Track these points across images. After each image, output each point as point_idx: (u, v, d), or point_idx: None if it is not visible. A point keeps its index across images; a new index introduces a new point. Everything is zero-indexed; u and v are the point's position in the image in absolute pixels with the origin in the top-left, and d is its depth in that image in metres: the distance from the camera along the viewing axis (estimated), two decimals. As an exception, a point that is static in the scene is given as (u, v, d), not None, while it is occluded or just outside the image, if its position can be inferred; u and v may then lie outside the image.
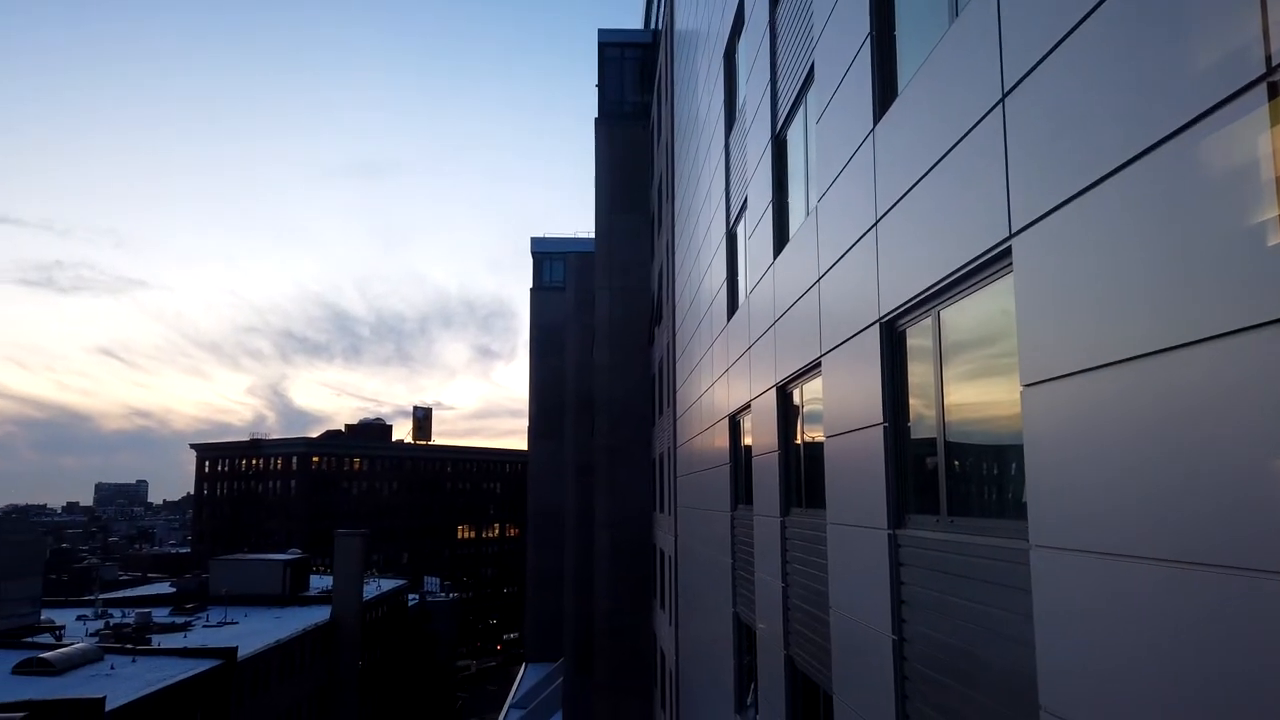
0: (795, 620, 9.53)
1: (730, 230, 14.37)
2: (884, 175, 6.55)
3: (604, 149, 33.79)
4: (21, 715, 24.55)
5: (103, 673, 33.32)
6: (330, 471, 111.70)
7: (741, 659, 13.26)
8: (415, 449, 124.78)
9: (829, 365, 8.04)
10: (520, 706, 49.92)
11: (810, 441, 9.27)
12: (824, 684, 8.26)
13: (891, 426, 6.52)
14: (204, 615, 50.15)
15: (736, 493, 13.80)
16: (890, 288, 6.40)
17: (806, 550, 9.04)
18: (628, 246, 32.60)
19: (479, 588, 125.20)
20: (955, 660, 5.34)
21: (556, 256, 62.00)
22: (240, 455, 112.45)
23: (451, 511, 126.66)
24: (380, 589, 63.11)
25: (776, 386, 10.30)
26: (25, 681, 31.38)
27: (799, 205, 9.74)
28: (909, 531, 6.20)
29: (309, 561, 63.63)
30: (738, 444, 13.89)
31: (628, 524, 31.09)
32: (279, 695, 43.07)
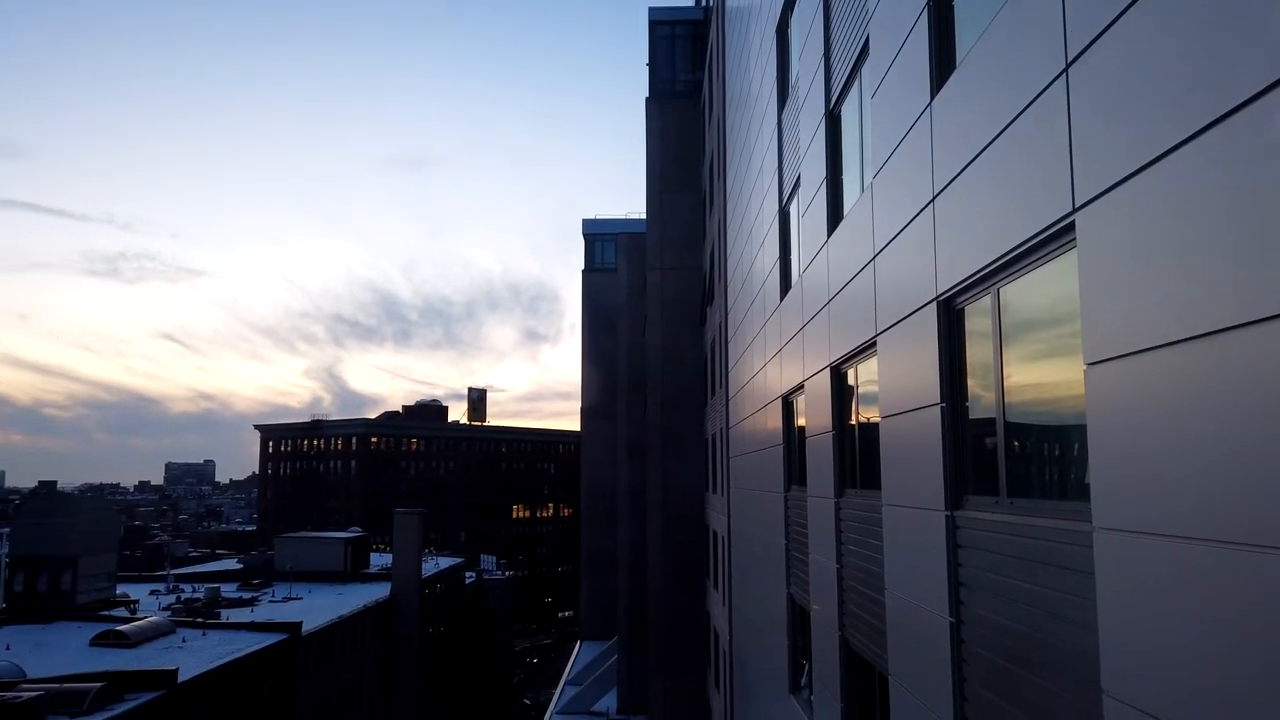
0: (850, 602, 9.47)
1: (783, 208, 14.21)
2: (941, 149, 6.41)
3: (654, 128, 33.63)
4: (100, 685, 25.64)
5: (175, 645, 34.60)
6: (388, 451, 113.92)
7: (795, 640, 13.24)
8: (471, 429, 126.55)
9: (884, 345, 7.93)
10: (575, 683, 50.60)
11: (865, 422, 9.17)
12: (879, 665, 8.21)
13: (949, 406, 6.41)
14: (270, 591, 51.69)
15: (790, 474, 13.72)
16: (948, 265, 6.27)
17: (861, 532, 8.97)
18: (679, 226, 32.47)
19: (534, 566, 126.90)
20: (1015, 643, 5.25)
21: (608, 238, 62.05)
22: (302, 436, 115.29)
23: (507, 491, 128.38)
24: (438, 566, 64.32)
25: (830, 367, 10.20)
26: (102, 653, 32.75)
27: (853, 182, 9.58)
28: (967, 513, 6.10)
29: (369, 539, 65.09)
30: (791, 425, 13.79)
31: (680, 504, 31.16)
32: (341, 669, 44.26)
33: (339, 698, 43.98)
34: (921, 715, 6.85)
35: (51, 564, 40.59)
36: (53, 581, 40.51)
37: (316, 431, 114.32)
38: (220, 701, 31.41)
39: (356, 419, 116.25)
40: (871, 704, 8.84)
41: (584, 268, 65.01)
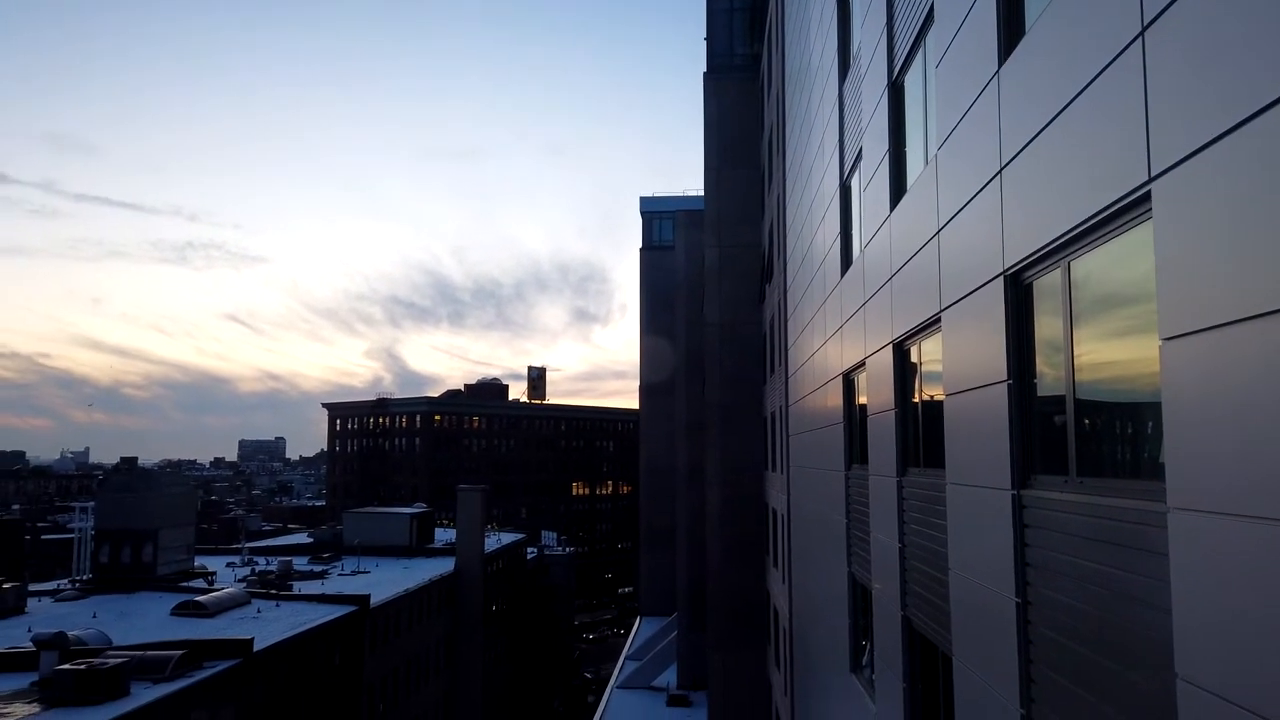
0: (912, 581, 9.38)
1: (844, 183, 13.99)
2: (1009, 119, 6.23)
3: (712, 103, 33.33)
4: (180, 653, 26.75)
5: (250, 615, 35.86)
6: (451, 429, 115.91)
7: (856, 618, 13.17)
8: (531, 408, 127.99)
9: (949, 320, 7.77)
10: (635, 658, 51.13)
11: (928, 400, 9.02)
12: (943, 645, 8.12)
13: (1016, 383, 6.27)
14: (339, 564, 53.17)
15: (851, 452, 13.59)
16: (1016, 238, 6.11)
17: (924, 510, 8.86)
18: (737, 203, 32.20)
19: (594, 543, 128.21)
20: (1084, 625, 5.14)
21: (666, 215, 61.87)
22: (368, 414, 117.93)
23: (567, 469, 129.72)
24: (500, 542, 65.38)
25: (893, 344, 10.05)
26: (182, 622, 34.12)
27: (917, 154, 9.38)
28: (1034, 492, 5.98)
29: (433, 515, 66.42)
30: (852, 403, 13.65)
31: (739, 482, 31.12)
32: (408, 640, 45.41)
33: (406, 668, 45.16)
34: (986, 696, 6.77)
35: (134, 537, 42.35)
36: (135, 553, 42.28)
37: (382, 410, 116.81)
38: (293, 670, 32.53)
39: (420, 398, 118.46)
40: (934, 684, 8.75)
41: (642, 245, 64.97)
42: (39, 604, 37.73)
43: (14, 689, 24.57)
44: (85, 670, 23.72)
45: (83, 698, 23.21)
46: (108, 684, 23.68)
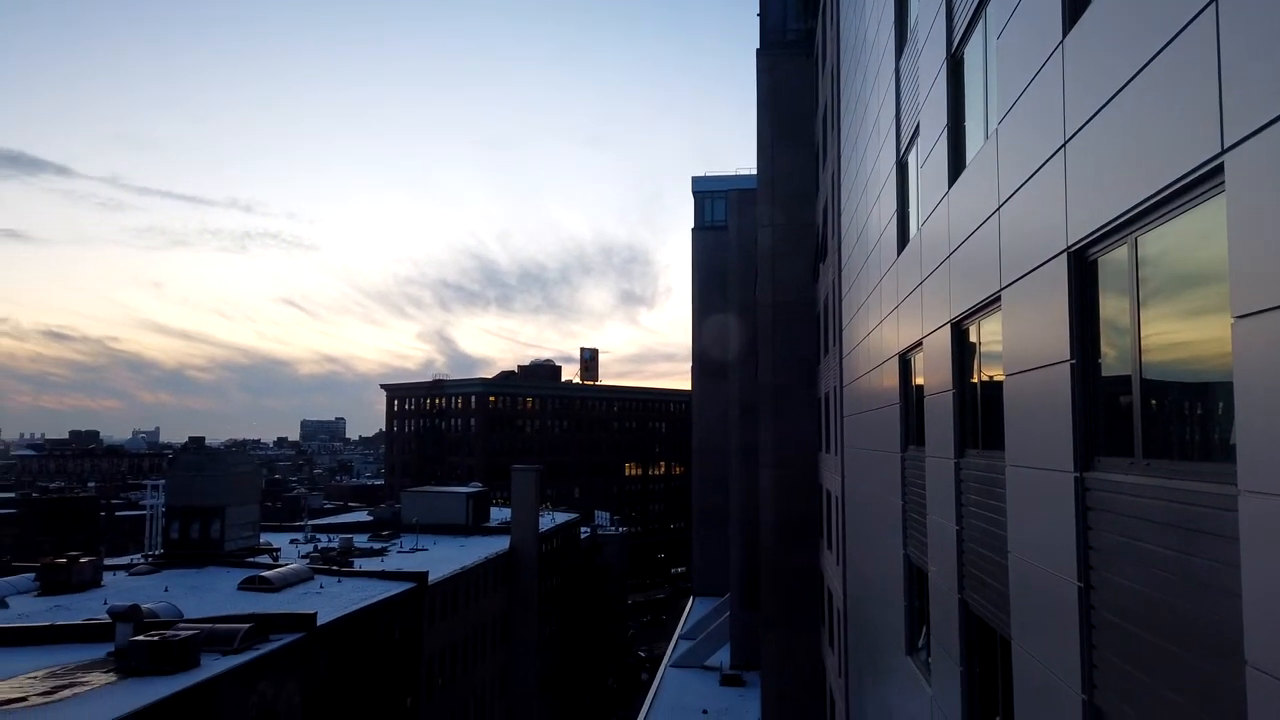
0: (970, 564, 9.25)
1: (900, 159, 13.73)
2: (1074, 91, 6.04)
3: (765, 80, 32.92)
4: (247, 626, 27.65)
5: (313, 591, 36.87)
6: (505, 410, 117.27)
7: (912, 601, 13.05)
8: (583, 389, 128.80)
9: (1010, 299, 7.61)
10: (689, 637, 51.40)
11: (987, 380, 8.86)
12: (1001, 629, 8.01)
13: (1079, 363, 6.12)
14: (398, 542, 54.33)
15: (907, 433, 13.42)
16: (1080, 214, 5.94)
17: (983, 493, 8.72)
18: (791, 181, 31.82)
19: (646, 523, 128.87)
20: (1149, 610, 5.03)
21: (718, 195, 61.45)
22: (424, 395, 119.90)
23: (619, 449, 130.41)
24: (554, 521, 66.09)
25: (951, 323, 9.87)
26: (249, 596, 35.24)
27: (976, 129, 9.16)
28: (1098, 474, 5.85)
29: (488, 494, 67.40)
30: (908, 383, 13.46)
31: (792, 463, 30.96)
32: (465, 617, 46.27)
33: (463, 644, 46.05)
34: (1046, 681, 6.67)
35: (202, 513, 43.79)
36: (203, 530, 43.71)
37: (437, 391, 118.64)
38: (355, 644, 33.40)
39: (474, 379, 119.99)
40: (992, 667, 8.65)
41: (694, 226, 64.68)
42: (114, 578, 39.29)
43: (91, 659, 25.66)
44: (158, 642, 24.65)
45: (156, 668, 24.15)
46: (179, 655, 24.59)
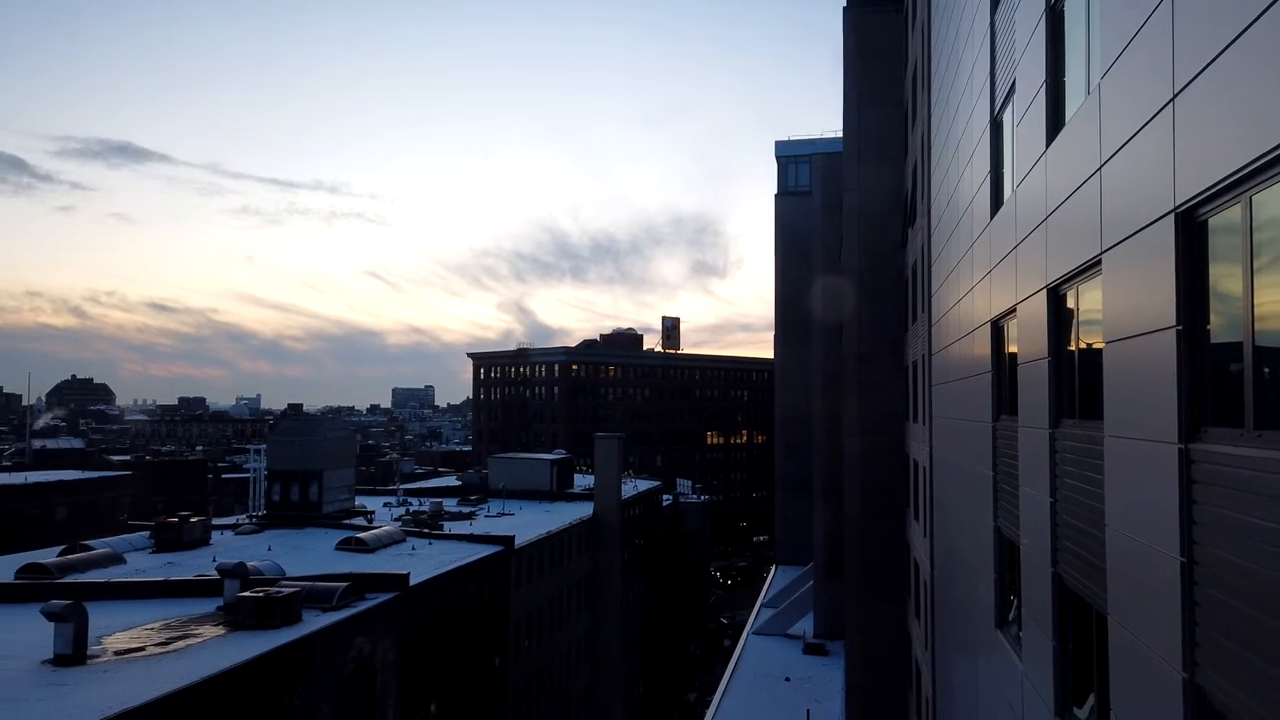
0: (1065, 537, 8.99)
1: (995, 118, 13.22)
2: (1184, 40, 5.70)
3: (852, 39, 32.02)
4: (345, 585, 28.85)
5: (405, 552, 38.19)
6: (588, 378, 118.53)
7: (1003, 574, 12.76)
8: (665, 357, 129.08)
9: (1111, 263, 7.28)
10: (771, 606, 51.46)
11: (1086, 348, 8.52)
12: (1097, 604, 7.77)
13: (1186, 329, 5.82)
14: (485, 506, 55.73)
15: (999, 403, 13.05)
16: (1189, 172, 5.62)
17: (1079, 464, 8.43)
18: (878, 144, 30.99)
19: (728, 492, 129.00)
20: (1258, 588, 4.80)
21: (802, 159, 60.35)
22: (509, 363, 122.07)
23: (701, 417, 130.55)
24: (636, 489, 66.75)
25: (1047, 288, 9.51)
26: (345, 557, 36.72)
27: (1077, 84, 8.74)
28: (1204, 446, 5.58)
29: (572, 461, 68.45)
30: (1001, 351, 13.06)
31: (878, 432, 30.48)
32: (550, 580, 47.29)
33: (548, 607, 47.12)
34: (1144, 658, 6.45)
35: (302, 477, 45.70)
36: (303, 492, 45.64)
37: (521, 359, 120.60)
38: (445, 604, 34.52)
39: (557, 348, 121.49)
40: (1087, 643, 8.41)
41: (777, 191, 63.73)
42: (221, 537, 41.43)
43: (202, 612, 27.18)
44: (263, 598, 25.94)
45: (261, 622, 25.44)
46: (282, 611, 25.83)
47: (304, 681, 24.88)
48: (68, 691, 19.69)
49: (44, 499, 60.65)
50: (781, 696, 36.45)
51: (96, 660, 22.18)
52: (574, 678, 51.34)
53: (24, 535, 52.62)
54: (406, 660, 30.94)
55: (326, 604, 27.75)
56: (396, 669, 30.26)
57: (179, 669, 21.33)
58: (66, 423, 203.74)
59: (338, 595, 28.16)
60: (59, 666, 21.55)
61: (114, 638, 24.16)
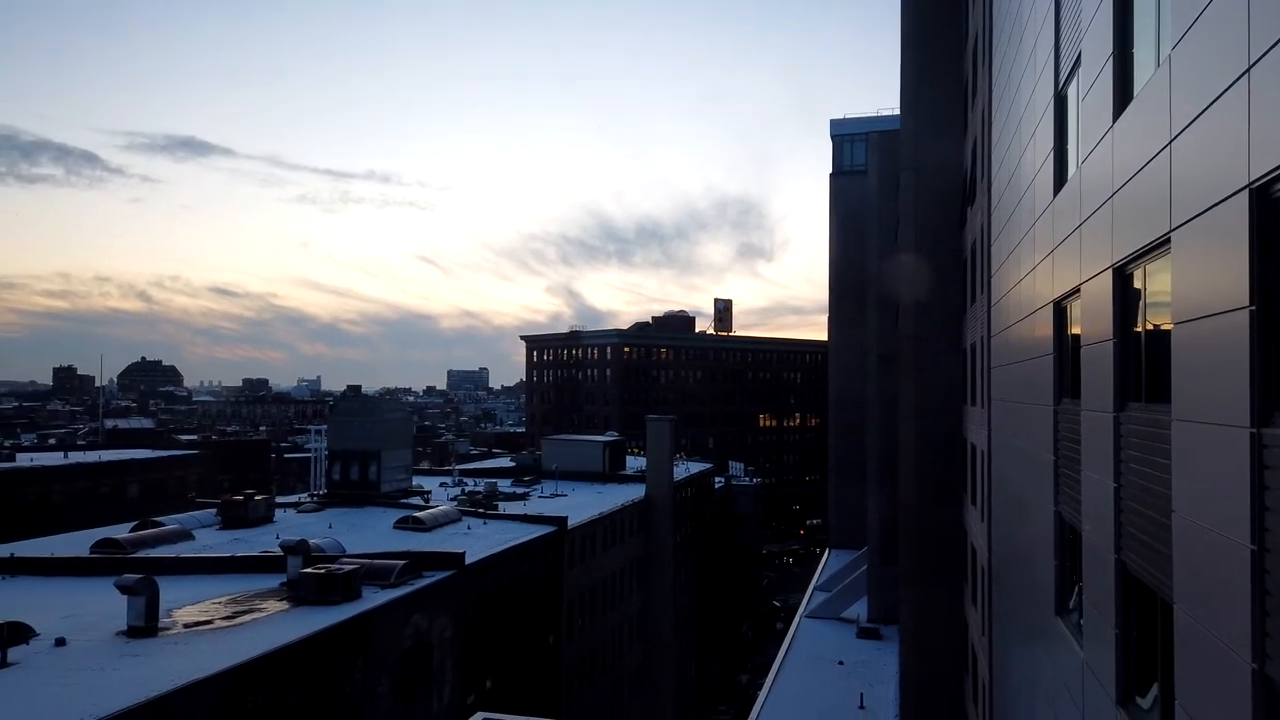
0: (1129, 523, 8.77)
1: (1059, 92, 12.84)
2: (1259, 12, 5.46)
3: (911, 13, 31.32)
4: (403, 562, 29.46)
5: (461, 531, 38.83)
6: (640, 361, 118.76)
7: (1064, 560, 12.51)
8: (717, 340, 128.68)
9: (1181, 241, 7.04)
10: (825, 589, 51.21)
11: (1152, 329, 8.27)
12: (1162, 592, 7.58)
13: (1260, 310, 5.61)
14: (539, 487, 56.35)
15: (1061, 385, 12.75)
16: (1264, 146, 5.40)
17: (1145, 449, 8.20)
18: (937, 121, 30.33)
19: (781, 474, 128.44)
20: (1336, 578, 4.63)
21: (857, 138, 59.37)
22: (561, 346, 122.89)
23: (753, 400, 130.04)
24: (688, 471, 66.84)
25: (1113, 268, 9.24)
26: (403, 535, 37.48)
27: (1146, 56, 8.44)
28: (1277, 430, 5.38)
29: (624, 443, 68.79)
30: (1063, 332, 12.74)
31: (934, 415, 30.01)
32: (603, 561, 47.71)
33: (601, 587, 47.56)
34: (1211, 648, 6.28)
35: (360, 457, 46.71)
36: (362, 472, 46.65)
37: (573, 342, 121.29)
38: (500, 583, 35.06)
39: (609, 330, 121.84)
40: (1151, 632, 8.21)
41: (831, 171, 62.87)
42: (284, 514, 42.58)
43: (266, 587, 28.00)
44: (325, 575, 26.63)
45: (322, 598, 26.13)
46: (343, 587, 26.50)
47: (364, 656, 25.53)
48: (141, 662, 20.49)
49: (117, 477, 62.99)
50: (835, 680, 36.33)
51: (167, 632, 23.03)
52: (626, 657, 51.81)
53: (99, 511, 54.77)
54: (462, 637, 31.53)
55: (385, 581, 28.37)
56: (453, 645, 30.86)
57: (245, 642, 22.04)
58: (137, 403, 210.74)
59: (396, 573, 28.77)
60: (132, 638, 22.42)
61: (183, 611, 25.05)
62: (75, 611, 24.70)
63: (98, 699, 17.71)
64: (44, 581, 28.91)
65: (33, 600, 25.75)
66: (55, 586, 28.15)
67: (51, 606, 25.07)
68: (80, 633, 22.65)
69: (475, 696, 32.12)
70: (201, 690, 19.21)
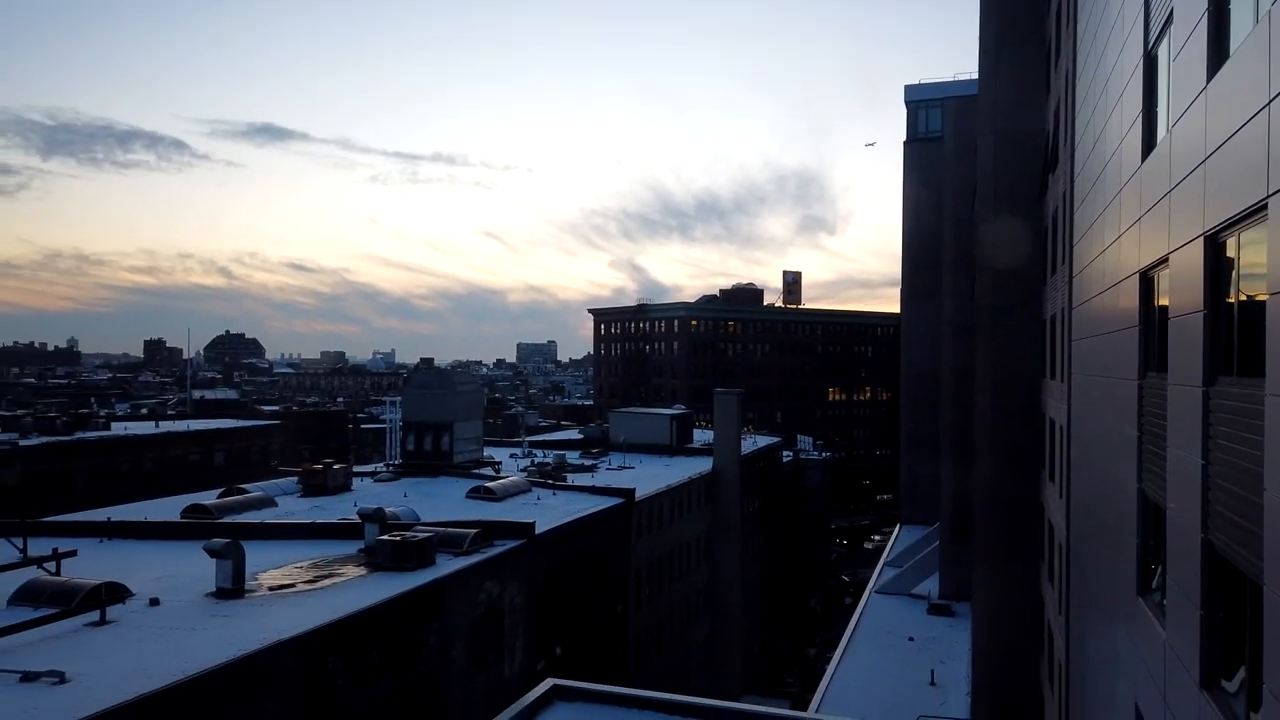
0: (1217, 501, 8.44)
1: (1149, 52, 12.26)
2: (1379, -45, 5.10)
3: (989, -24, 30.18)
4: (475, 531, 30.10)
5: (530, 502, 39.45)
6: (707, 333, 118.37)
7: (1146, 538, 12.13)
8: (786, 312, 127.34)
9: (1279, 208, 6.68)
10: (895, 565, 50.70)
11: (1247, 300, 7.89)
12: (1252, 573, 7.29)
13: (1368, 279, 5.30)
14: (606, 459, 56.83)
15: (1147, 358, 12.29)
16: (1379, 103, 5.07)
17: (1236, 424, 7.87)
18: (1017, 84, 29.27)
19: (850, 449, 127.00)
20: None
21: (933, 104, 57.76)
22: (629, 319, 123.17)
23: (822, 373, 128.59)
24: (756, 445, 66.54)
25: (1205, 236, 8.83)
26: (475, 504, 38.26)
27: (1244, 13, 7.98)
28: (1387, 406, 5.10)
29: (691, 416, 68.79)
30: (1149, 304, 12.26)
31: (1011, 389, 29.25)
32: (670, 533, 47.98)
33: (668, 559, 47.88)
34: (1307, 632, 6.03)
35: (434, 428, 47.74)
36: (435, 442, 47.70)
37: (641, 315, 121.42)
38: (569, 552, 35.58)
39: (676, 303, 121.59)
40: (1239, 614, 7.91)
41: (906, 138, 61.39)
42: (361, 483, 43.83)
43: (345, 553, 28.94)
44: (400, 542, 27.38)
45: (398, 564, 26.88)
46: (418, 554, 27.21)
47: (438, 621, 26.23)
48: (230, 622, 21.43)
49: (204, 445, 65.68)
50: (905, 656, 36.03)
51: (253, 594, 24.02)
52: (694, 628, 52.19)
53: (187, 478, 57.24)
54: (533, 605, 32.15)
55: (458, 549, 29.04)
56: (523, 613, 31.50)
57: (326, 605, 22.85)
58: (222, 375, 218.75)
59: (468, 541, 29.41)
60: (221, 599, 23.45)
61: (267, 574, 26.07)
62: (167, 573, 25.92)
63: (191, 656, 18.60)
64: (138, 545, 30.39)
65: (128, 562, 27.10)
66: (148, 549, 29.57)
67: (145, 568, 26.36)
68: (172, 593, 23.77)
69: (545, 663, 32.77)
70: (285, 650, 20.01)
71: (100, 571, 24.24)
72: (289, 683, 20.20)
